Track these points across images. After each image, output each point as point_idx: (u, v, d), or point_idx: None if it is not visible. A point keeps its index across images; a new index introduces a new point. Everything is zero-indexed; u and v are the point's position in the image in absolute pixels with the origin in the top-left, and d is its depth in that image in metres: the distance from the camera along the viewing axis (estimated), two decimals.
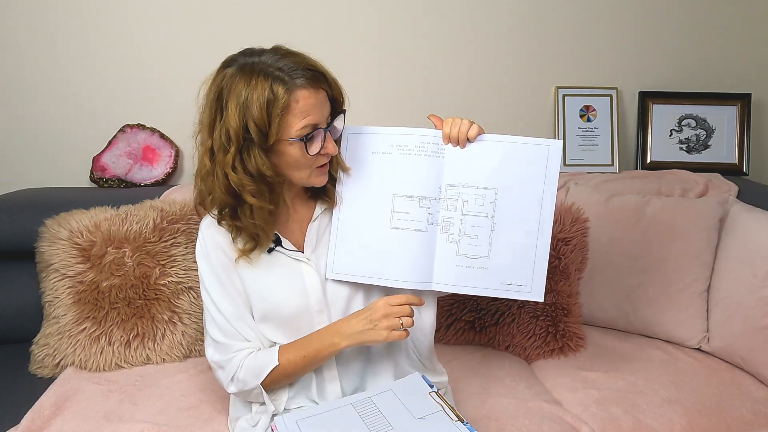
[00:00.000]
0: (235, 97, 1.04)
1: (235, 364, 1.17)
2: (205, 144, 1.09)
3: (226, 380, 1.19)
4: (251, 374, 1.16)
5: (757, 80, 2.15)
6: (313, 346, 1.15)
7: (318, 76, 1.08)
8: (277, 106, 1.03)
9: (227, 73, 1.07)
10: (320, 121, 1.09)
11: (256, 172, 1.07)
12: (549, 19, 2.03)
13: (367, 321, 1.12)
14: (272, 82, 1.04)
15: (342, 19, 1.95)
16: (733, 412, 1.38)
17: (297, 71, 1.05)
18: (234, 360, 1.17)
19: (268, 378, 1.16)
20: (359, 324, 1.12)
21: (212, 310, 1.18)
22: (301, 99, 1.05)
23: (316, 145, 1.09)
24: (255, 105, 1.03)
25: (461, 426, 1.07)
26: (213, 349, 1.19)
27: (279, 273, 1.18)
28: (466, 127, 1.16)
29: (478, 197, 1.18)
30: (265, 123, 1.04)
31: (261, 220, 1.11)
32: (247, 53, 1.09)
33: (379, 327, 1.10)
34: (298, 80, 1.05)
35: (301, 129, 1.07)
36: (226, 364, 1.18)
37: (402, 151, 1.19)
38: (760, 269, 1.53)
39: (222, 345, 1.18)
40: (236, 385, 1.18)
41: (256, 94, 1.03)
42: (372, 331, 1.11)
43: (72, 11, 1.83)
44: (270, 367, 1.15)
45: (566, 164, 2.07)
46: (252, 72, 1.04)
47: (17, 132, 1.89)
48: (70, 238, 1.54)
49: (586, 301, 1.74)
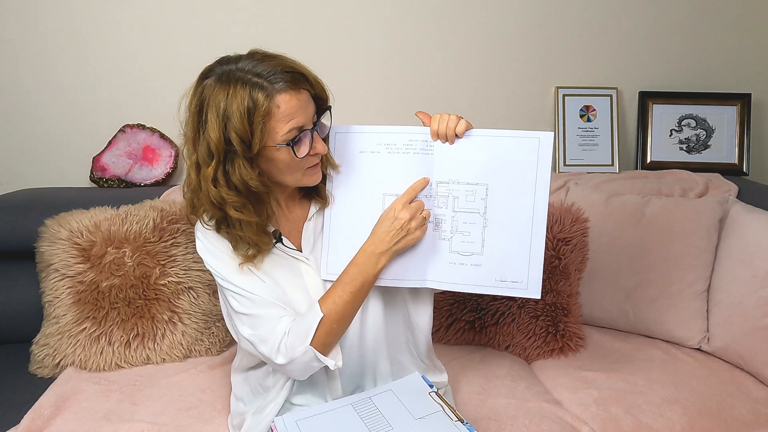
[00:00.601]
0: (215, 109, 1.02)
1: (279, 332, 1.10)
2: (191, 158, 1.08)
3: (272, 352, 1.10)
4: (298, 337, 1.09)
5: (757, 80, 2.15)
6: (357, 278, 1.12)
7: (297, 77, 1.05)
8: (258, 114, 1.01)
9: (206, 84, 1.04)
10: (305, 122, 1.07)
11: (241, 183, 1.05)
12: (549, 19, 2.03)
13: (398, 230, 1.12)
14: (251, 90, 1.01)
15: (342, 20, 1.95)
16: (733, 412, 1.38)
17: (276, 75, 1.03)
18: (278, 328, 1.10)
19: (318, 334, 1.09)
20: (393, 236, 1.13)
21: (235, 289, 1.12)
22: (283, 103, 1.03)
23: (304, 147, 1.08)
24: (235, 115, 1.01)
25: (461, 426, 1.07)
26: (247, 327, 1.12)
27: (284, 269, 1.18)
28: (454, 123, 1.14)
29: (468, 193, 1.16)
30: (247, 132, 1.02)
31: (250, 232, 1.10)
32: (223, 61, 1.07)
33: (412, 230, 1.13)
34: (277, 84, 1.02)
35: (286, 133, 1.05)
36: (268, 334, 1.10)
37: (390, 149, 1.18)
38: (760, 269, 1.53)
39: (257, 318, 1.11)
40: (284, 355, 1.09)
41: (236, 103, 1.01)
42: (408, 237, 1.13)
43: (72, 11, 1.83)
44: (315, 322, 1.09)
45: (566, 164, 2.07)
46: (230, 81, 1.02)
47: (17, 132, 1.89)
48: (70, 238, 1.54)
49: (586, 301, 1.74)
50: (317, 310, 1.10)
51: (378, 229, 1.14)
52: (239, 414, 1.28)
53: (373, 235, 1.14)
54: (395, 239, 1.13)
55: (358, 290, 1.13)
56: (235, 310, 1.13)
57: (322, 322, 1.09)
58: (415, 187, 1.16)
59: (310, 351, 1.09)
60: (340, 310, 1.11)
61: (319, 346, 1.10)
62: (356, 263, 1.14)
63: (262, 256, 1.14)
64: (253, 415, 1.23)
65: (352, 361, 1.23)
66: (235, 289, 1.13)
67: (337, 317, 1.11)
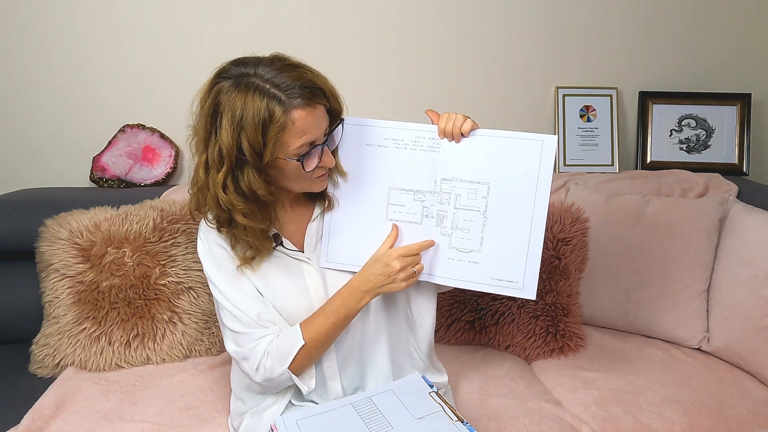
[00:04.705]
0: (230, 115, 1.01)
1: (259, 353, 1.13)
2: (201, 156, 1.07)
3: (251, 370, 1.15)
4: (277, 360, 1.13)
5: (757, 80, 2.15)
6: (341, 310, 1.14)
7: (316, 92, 1.04)
8: (273, 127, 1.01)
9: (222, 87, 1.03)
10: (317, 137, 1.07)
11: (248, 190, 1.06)
12: (549, 19, 2.03)
13: (385, 276, 1.13)
14: (268, 101, 1.00)
15: (343, 20, 1.95)
16: (733, 412, 1.38)
17: (294, 90, 1.01)
18: (258, 348, 1.14)
19: (297, 359, 1.13)
20: (378, 279, 1.14)
21: (225, 303, 1.15)
22: (299, 119, 1.02)
23: (313, 161, 1.09)
24: (250, 125, 1.00)
25: (461, 426, 1.07)
26: (233, 342, 1.16)
27: (282, 272, 1.18)
28: (460, 122, 1.15)
29: (470, 191, 1.17)
30: (259, 143, 1.01)
31: (254, 238, 1.11)
32: (240, 63, 1.05)
33: (398, 280, 1.14)
34: (295, 100, 1.01)
35: (298, 148, 1.05)
36: (249, 354, 1.14)
37: (398, 145, 1.19)
38: (760, 269, 1.53)
39: (242, 335, 1.14)
40: (262, 375, 1.14)
41: (252, 112, 1.00)
42: (392, 284, 1.14)
43: (72, 11, 1.83)
44: (296, 348, 1.12)
45: (566, 164, 2.07)
46: (248, 88, 1.01)
47: (17, 132, 1.89)
48: (70, 238, 1.54)
49: (586, 301, 1.74)
50: (299, 337, 1.13)
51: (369, 268, 1.16)
52: (239, 414, 1.27)
53: (364, 272, 1.16)
54: (381, 283, 1.14)
55: (341, 321, 1.15)
56: (224, 323, 1.17)
57: (302, 348, 1.13)
58: (420, 245, 1.17)
59: (286, 373, 1.14)
60: (321, 339, 1.14)
61: (295, 369, 1.15)
62: (342, 295, 1.16)
63: (260, 258, 1.15)
64: (252, 415, 1.23)
65: (352, 361, 1.23)
66: (225, 304, 1.15)
67: (316, 345, 1.14)
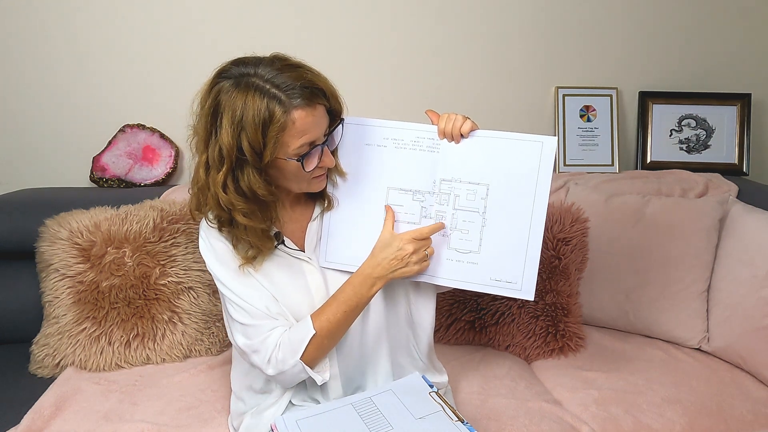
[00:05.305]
0: (230, 115, 1.01)
1: (270, 345, 1.12)
2: (201, 156, 1.08)
3: (263, 363, 1.13)
4: (289, 351, 1.11)
5: (757, 80, 2.15)
6: (352, 299, 1.13)
7: (316, 93, 1.04)
8: (273, 128, 1.01)
9: (223, 87, 1.03)
10: (317, 137, 1.07)
11: (248, 190, 1.06)
12: (549, 19, 2.03)
13: (398, 260, 1.13)
14: (268, 102, 1.00)
15: (343, 20, 1.95)
16: (733, 412, 1.38)
17: (295, 90, 1.02)
18: (268, 340, 1.12)
19: (308, 349, 1.11)
20: (391, 264, 1.13)
21: (231, 296, 1.14)
22: (299, 119, 1.03)
23: (313, 161, 1.09)
24: (250, 124, 1.00)
25: (461, 426, 1.07)
26: (242, 335, 1.14)
27: (284, 271, 1.18)
28: (460, 123, 1.15)
29: (469, 192, 1.17)
30: (259, 143, 1.02)
31: (254, 237, 1.11)
32: (241, 63, 1.05)
33: (411, 263, 1.13)
34: (295, 100, 1.02)
35: (298, 148, 1.05)
36: (260, 346, 1.12)
37: (398, 144, 1.19)
38: (760, 269, 1.53)
39: (251, 327, 1.13)
40: (274, 367, 1.12)
41: (252, 112, 1.00)
42: (405, 269, 1.13)
43: (72, 11, 1.83)
44: (307, 338, 1.10)
45: (566, 164, 2.07)
46: (248, 88, 1.01)
47: (17, 132, 1.89)
48: (70, 238, 1.54)
49: (586, 301, 1.74)
50: (309, 326, 1.12)
51: (379, 253, 1.15)
52: (239, 414, 1.28)
53: (374, 258, 1.15)
54: (393, 267, 1.13)
55: (352, 310, 1.14)
56: (232, 317, 1.15)
57: (313, 338, 1.11)
58: (432, 228, 1.16)
59: (299, 365, 1.12)
60: (332, 328, 1.13)
61: (308, 360, 1.13)
62: (352, 283, 1.15)
63: (262, 257, 1.15)
64: (253, 415, 1.24)
65: (352, 361, 1.23)
66: (232, 297, 1.14)
67: (328, 334, 1.13)
